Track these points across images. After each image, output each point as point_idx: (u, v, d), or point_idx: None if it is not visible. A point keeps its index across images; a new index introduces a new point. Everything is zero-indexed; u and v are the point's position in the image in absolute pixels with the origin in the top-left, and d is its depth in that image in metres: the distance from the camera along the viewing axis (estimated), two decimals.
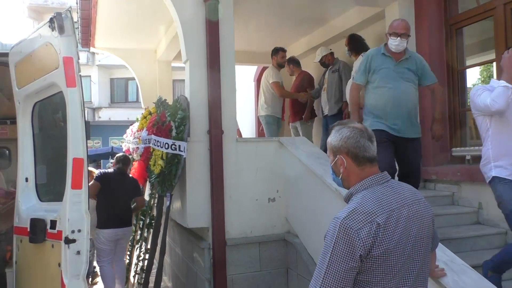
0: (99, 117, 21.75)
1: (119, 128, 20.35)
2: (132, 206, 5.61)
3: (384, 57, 3.96)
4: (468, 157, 4.80)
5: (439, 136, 4.21)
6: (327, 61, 6.65)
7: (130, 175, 5.81)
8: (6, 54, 3.34)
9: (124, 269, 5.60)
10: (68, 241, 2.63)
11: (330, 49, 6.71)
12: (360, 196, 1.79)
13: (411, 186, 1.98)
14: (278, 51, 6.76)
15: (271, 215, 4.73)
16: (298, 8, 6.21)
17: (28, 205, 3.19)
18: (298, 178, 4.52)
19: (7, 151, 6.97)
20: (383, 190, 1.81)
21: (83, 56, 19.90)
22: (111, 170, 5.89)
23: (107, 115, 21.72)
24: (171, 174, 4.47)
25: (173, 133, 4.47)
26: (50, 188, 3.34)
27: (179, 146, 4.38)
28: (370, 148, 1.91)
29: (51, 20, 2.76)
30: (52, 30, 2.75)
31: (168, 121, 4.59)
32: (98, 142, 21.60)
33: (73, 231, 2.65)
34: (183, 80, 4.89)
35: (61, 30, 2.69)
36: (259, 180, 4.71)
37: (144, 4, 5.65)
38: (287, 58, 7.14)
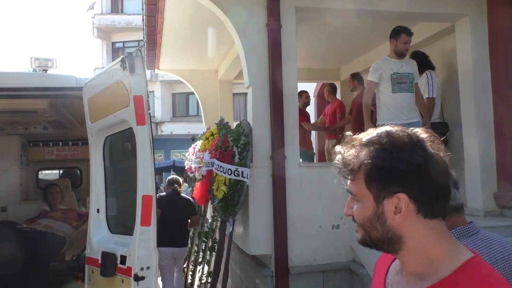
0: (162, 131, 22.51)
1: (181, 141, 21.02)
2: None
3: None
4: None
5: None
6: None
7: (183, 196, 6.17)
8: (80, 89, 3.49)
9: (181, 279, 5.89)
10: (137, 278, 2.68)
11: None
12: None
13: (503, 237, 1.81)
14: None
15: (335, 243, 4.59)
16: (362, 25, 6.06)
17: (99, 236, 3.29)
18: None
19: (79, 171, 7.38)
20: (472, 244, 1.65)
21: (147, 73, 20.70)
22: (164, 193, 6.20)
23: (169, 129, 22.45)
24: (234, 200, 4.46)
25: (236, 158, 4.47)
26: (120, 220, 3.44)
27: (242, 172, 4.37)
28: (455, 196, 1.76)
29: (122, 60, 2.85)
30: (123, 69, 2.84)
31: (231, 146, 4.61)
32: (161, 156, 22.32)
33: (142, 268, 2.70)
34: (242, 94, 4.90)
35: (132, 69, 2.77)
36: (323, 206, 4.59)
37: (207, 29, 5.76)
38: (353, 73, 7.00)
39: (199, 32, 6.00)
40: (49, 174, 7.72)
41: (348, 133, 1.12)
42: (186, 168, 7.41)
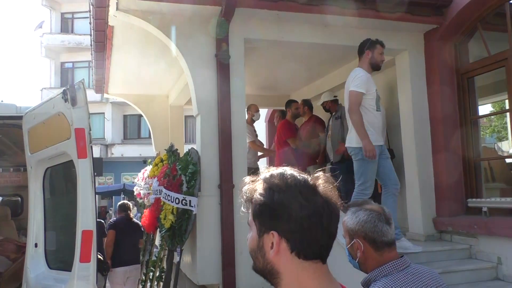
0: (112, 154, 21.96)
1: (132, 164, 20.59)
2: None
3: None
4: (484, 209, 4.68)
5: None
6: (328, 107, 6.66)
7: (134, 220, 6.77)
8: (20, 117, 3.38)
9: None
10: None
11: (335, 96, 6.72)
12: (380, 285, 1.73)
13: (432, 269, 1.92)
14: None
15: None
16: (308, 56, 6.28)
17: (36, 272, 3.15)
18: None
19: (20, 199, 7.02)
20: (404, 278, 1.76)
21: (97, 94, 20.29)
22: (118, 217, 6.77)
23: (120, 151, 21.93)
24: (182, 229, 4.42)
25: (184, 187, 4.45)
26: (60, 255, 3.31)
27: (190, 201, 4.34)
28: (388, 232, 1.87)
29: (64, 92, 2.80)
30: (65, 101, 2.78)
31: (179, 175, 4.58)
32: (110, 178, 21.73)
33: None
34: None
35: (74, 102, 2.72)
36: None
37: (157, 57, 5.76)
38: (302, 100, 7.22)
39: (148, 58, 5.98)
40: None
41: (263, 168, 1.19)
42: (135, 193, 7.30)
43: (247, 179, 1.14)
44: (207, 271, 4.43)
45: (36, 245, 3.23)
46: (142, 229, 6.45)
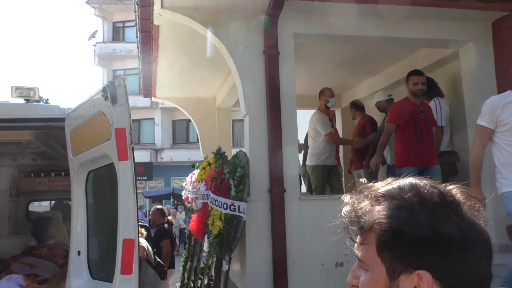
0: (162, 158, 22.33)
1: (181, 168, 20.79)
2: None
3: None
4: None
5: None
6: (383, 107, 6.22)
7: None
8: (63, 119, 3.26)
9: None
10: None
11: (389, 95, 6.27)
12: None
13: None
14: None
15: (339, 282, 4.26)
16: (361, 51, 5.91)
17: (79, 282, 2.99)
18: None
19: (71, 203, 7.09)
20: None
21: (147, 100, 20.69)
22: (168, 225, 7.39)
23: (169, 156, 22.27)
24: (230, 236, 4.18)
25: (232, 192, 4.21)
26: (102, 264, 3.14)
27: (239, 206, 4.10)
28: None
29: (103, 89, 2.62)
30: (105, 100, 2.61)
31: (227, 178, 4.35)
32: (160, 183, 22.08)
33: None
34: (243, 120, 4.65)
35: (114, 100, 2.54)
36: (325, 242, 4.28)
37: (203, 58, 5.59)
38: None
39: (195, 59, 5.85)
40: (39, 206, 7.43)
41: (362, 180, 0.86)
42: (183, 197, 7.26)
43: (347, 198, 0.85)
44: (257, 281, 4.17)
45: (79, 253, 3.08)
46: None
